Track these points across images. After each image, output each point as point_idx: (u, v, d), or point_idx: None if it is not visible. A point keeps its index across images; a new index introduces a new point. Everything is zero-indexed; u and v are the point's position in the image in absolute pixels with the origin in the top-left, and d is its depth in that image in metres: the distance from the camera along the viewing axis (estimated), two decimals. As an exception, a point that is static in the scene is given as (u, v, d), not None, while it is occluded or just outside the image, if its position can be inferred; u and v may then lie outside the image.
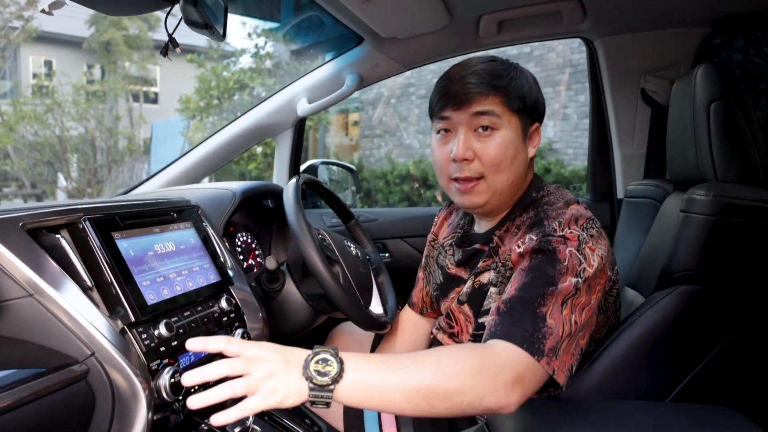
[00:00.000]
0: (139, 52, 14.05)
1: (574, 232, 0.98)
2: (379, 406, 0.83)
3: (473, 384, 0.82)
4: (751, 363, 1.11)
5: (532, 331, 0.89)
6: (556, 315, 0.91)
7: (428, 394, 0.81)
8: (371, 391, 0.80)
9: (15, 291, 0.79)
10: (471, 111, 1.04)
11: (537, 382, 0.88)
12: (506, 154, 1.05)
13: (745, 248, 1.05)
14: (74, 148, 9.67)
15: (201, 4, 0.92)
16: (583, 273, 0.94)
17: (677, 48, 1.69)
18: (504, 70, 1.06)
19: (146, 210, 1.06)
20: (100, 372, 0.82)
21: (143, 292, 0.93)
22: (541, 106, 1.12)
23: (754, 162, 1.12)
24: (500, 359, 0.86)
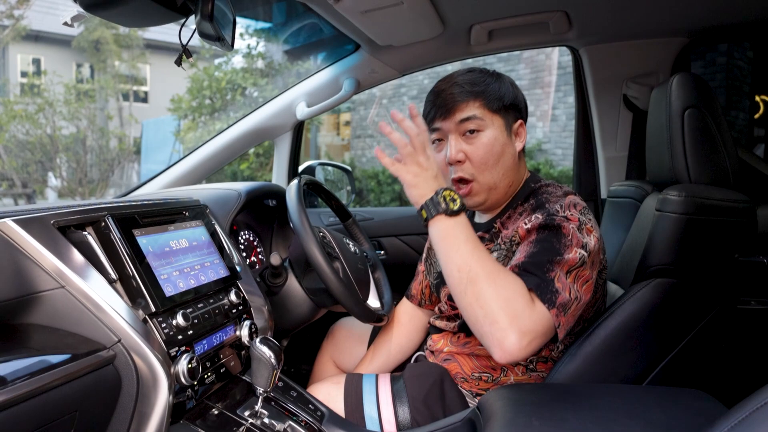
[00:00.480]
0: (129, 51, 14.01)
1: (574, 214, 1.09)
2: (445, 251, 1.02)
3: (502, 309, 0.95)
4: (720, 348, 1.20)
5: (546, 285, 1.00)
6: (563, 280, 1.01)
7: (473, 278, 0.97)
8: (450, 240, 1.01)
9: (48, 283, 0.86)
10: (456, 119, 1.18)
11: (539, 336, 0.97)
12: (493, 151, 1.18)
13: (714, 244, 1.14)
14: (65, 147, 9.64)
15: (216, 19, 0.99)
16: (587, 246, 1.05)
17: (657, 57, 1.78)
18: (481, 77, 1.20)
19: (162, 209, 1.13)
20: (126, 357, 0.89)
21: (162, 284, 1.00)
22: (521, 103, 1.25)
23: (724, 165, 1.21)
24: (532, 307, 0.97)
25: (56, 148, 9.44)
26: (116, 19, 1.09)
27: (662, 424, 0.91)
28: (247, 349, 1.18)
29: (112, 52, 13.64)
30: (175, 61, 1.11)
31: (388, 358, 1.50)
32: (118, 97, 13.31)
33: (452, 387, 1.26)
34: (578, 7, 1.56)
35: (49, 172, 9.91)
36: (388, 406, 1.26)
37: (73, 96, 10.17)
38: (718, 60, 5.58)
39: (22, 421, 0.73)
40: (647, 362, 1.15)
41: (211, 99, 9.27)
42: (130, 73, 14.36)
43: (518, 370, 1.22)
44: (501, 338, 0.94)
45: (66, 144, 9.66)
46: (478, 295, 0.96)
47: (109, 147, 10.31)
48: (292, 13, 8.74)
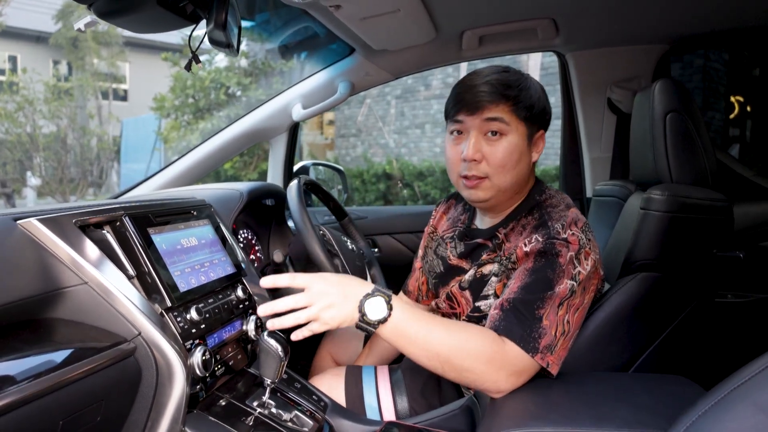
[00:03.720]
0: (108, 49, 13.83)
1: (575, 234, 1.09)
2: (406, 350, 1.03)
3: (483, 369, 1.01)
4: (701, 337, 1.28)
5: (529, 332, 1.03)
6: (551, 317, 1.05)
7: (445, 362, 1.01)
8: (404, 339, 1.02)
9: (72, 279, 0.90)
10: (482, 117, 1.16)
11: (530, 374, 1.05)
12: (511, 158, 1.16)
13: (695, 240, 1.22)
14: (45, 146, 9.51)
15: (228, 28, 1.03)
16: (578, 276, 1.07)
17: (639, 62, 1.86)
18: (515, 80, 1.17)
19: (173, 208, 1.18)
20: (146, 349, 0.93)
21: (176, 280, 1.05)
22: (548, 114, 1.23)
23: (704, 166, 1.29)
24: (508, 356, 1.03)
25: (36, 147, 9.30)
26: (128, 25, 1.13)
27: (648, 407, 0.97)
28: (252, 342, 1.22)
29: (91, 50, 13.45)
30: (185, 67, 1.16)
31: (385, 353, 1.55)
32: (97, 96, 13.14)
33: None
34: (565, 15, 1.63)
35: (28, 171, 9.76)
36: (387, 396, 1.31)
37: (53, 94, 10.02)
38: (695, 62, 5.73)
39: (55, 409, 0.77)
40: (633, 351, 1.22)
41: (194, 98, 9.22)
42: (109, 71, 14.18)
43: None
44: (492, 386, 1.03)
45: (46, 143, 9.53)
46: (460, 369, 1.02)
47: (89, 146, 10.19)
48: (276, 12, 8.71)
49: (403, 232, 2.09)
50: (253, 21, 2.17)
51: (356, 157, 10.03)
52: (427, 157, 9.04)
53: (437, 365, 1.02)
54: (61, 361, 0.81)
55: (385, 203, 8.37)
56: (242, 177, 8.76)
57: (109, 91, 14.26)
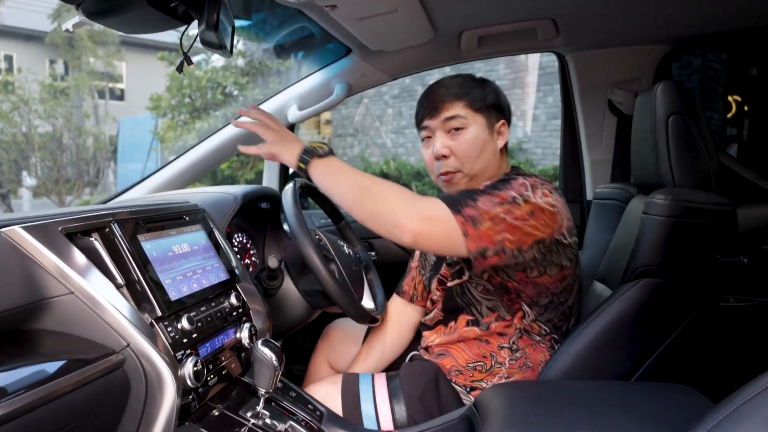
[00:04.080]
0: (104, 48, 13.78)
1: (537, 180, 1.20)
2: (333, 182, 1.18)
3: (396, 202, 1.11)
4: (704, 345, 1.26)
5: (459, 199, 1.13)
6: (487, 204, 1.12)
7: (365, 190, 1.13)
8: (334, 172, 1.18)
9: (58, 289, 0.87)
10: (442, 117, 1.30)
11: (445, 231, 1.10)
12: (476, 147, 1.28)
13: (698, 245, 1.19)
14: (41, 146, 9.46)
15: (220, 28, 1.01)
16: (525, 197, 1.14)
17: (640, 63, 1.84)
18: (466, 81, 1.33)
19: (164, 214, 1.15)
20: (135, 361, 0.90)
21: (166, 289, 1.02)
22: (504, 106, 1.36)
23: (707, 169, 1.26)
24: (425, 201, 1.14)
25: (32, 147, 9.25)
26: (117, 26, 1.10)
27: (652, 417, 0.95)
28: (246, 351, 1.20)
29: (87, 49, 13.40)
30: (176, 68, 1.13)
31: (383, 356, 1.52)
32: (94, 95, 13.09)
33: (447, 385, 1.30)
34: (565, 16, 1.60)
35: (24, 171, 9.71)
36: (385, 404, 1.29)
37: (48, 94, 9.97)
38: (694, 62, 5.72)
39: (40, 425, 0.74)
40: (635, 359, 1.20)
41: (191, 97, 9.18)
42: (105, 70, 14.13)
43: (505, 354, 1.28)
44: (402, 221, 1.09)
45: (41, 143, 9.48)
46: (376, 198, 1.12)
47: (85, 146, 10.14)
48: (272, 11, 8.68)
49: (401, 235, 2.06)
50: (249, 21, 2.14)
51: (353, 157, 10.00)
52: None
53: (358, 197, 1.13)
54: (47, 374, 0.78)
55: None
56: (239, 177, 8.73)
57: (105, 91, 14.22)
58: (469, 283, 1.29)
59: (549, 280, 1.24)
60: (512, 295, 1.25)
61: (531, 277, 1.23)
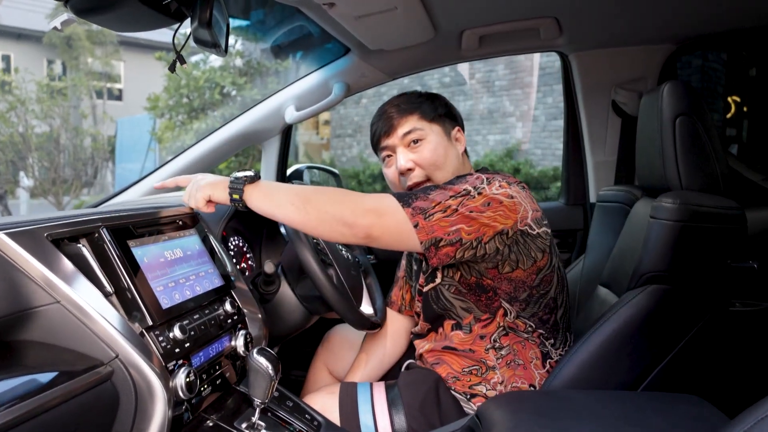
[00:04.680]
0: (102, 48, 13.73)
1: (493, 174, 1.19)
2: (272, 201, 1.12)
3: (341, 203, 1.09)
4: (713, 354, 1.22)
5: (410, 194, 1.13)
6: (438, 197, 1.11)
7: (306, 200, 1.09)
8: (270, 193, 1.13)
9: (43, 298, 0.84)
10: (399, 134, 1.32)
11: (395, 224, 1.09)
12: (438, 153, 1.30)
13: (707, 250, 1.16)
14: (38, 146, 9.41)
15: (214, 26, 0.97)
16: (479, 189, 1.13)
17: (645, 63, 1.80)
18: (414, 97, 1.36)
19: (156, 218, 1.11)
20: (124, 373, 0.87)
21: (158, 297, 0.98)
22: (456, 113, 1.40)
23: (715, 172, 1.23)
24: (371, 196, 1.12)
25: (29, 148, 9.21)
26: (107, 24, 1.07)
27: (662, 430, 0.92)
28: (242, 359, 1.16)
29: (85, 49, 13.35)
30: (168, 68, 1.09)
31: (380, 364, 1.50)
32: (92, 95, 13.04)
33: (447, 393, 1.27)
34: (569, 14, 1.57)
35: (21, 171, 9.67)
36: (384, 414, 1.26)
37: (46, 94, 9.93)
38: (694, 62, 5.69)
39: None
40: (642, 368, 1.17)
41: (188, 97, 9.14)
42: (103, 70, 14.08)
43: (492, 355, 1.25)
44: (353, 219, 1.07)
45: (39, 143, 9.43)
46: (319, 206, 1.09)
47: (83, 146, 10.09)
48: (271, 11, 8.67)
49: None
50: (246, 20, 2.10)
51: (352, 158, 9.97)
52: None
53: (300, 206, 1.09)
54: (32, 388, 0.75)
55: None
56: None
57: (103, 91, 14.17)
58: (442, 286, 1.27)
59: (523, 274, 1.21)
60: (489, 293, 1.23)
61: (504, 273, 1.20)
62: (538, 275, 1.22)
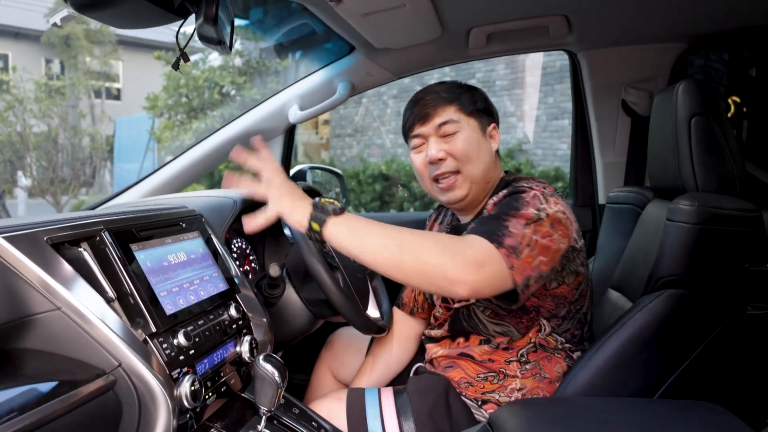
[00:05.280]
0: (101, 47, 13.70)
1: (539, 185, 1.16)
2: (359, 241, 1.01)
3: (442, 254, 0.98)
4: (731, 360, 1.19)
5: (494, 230, 1.05)
6: (518, 228, 1.05)
7: (402, 247, 0.99)
8: (357, 230, 1.02)
9: (43, 305, 0.80)
10: (435, 123, 1.26)
11: (496, 272, 1.00)
12: (471, 146, 1.25)
13: (725, 254, 1.13)
14: (36, 146, 9.37)
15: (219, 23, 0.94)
16: (543, 210, 1.09)
17: (656, 62, 1.77)
18: (455, 86, 1.30)
19: (159, 221, 1.08)
20: (127, 382, 0.84)
21: (162, 302, 0.95)
22: (493, 109, 1.34)
23: (731, 173, 1.20)
24: (467, 243, 1.02)
25: (27, 147, 9.16)
26: (109, 20, 1.04)
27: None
28: (247, 365, 1.13)
29: (83, 48, 13.32)
30: (172, 65, 1.06)
31: (388, 368, 1.47)
32: (90, 94, 13.00)
33: (457, 399, 1.24)
34: (579, 12, 1.54)
35: (19, 171, 9.63)
36: (393, 420, 1.23)
37: (44, 93, 9.89)
38: (696, 62, 5.66)
39: (21, 458, 0.67)
40: (658, 374, 1.14)
41: (188, 97, 9.10)
42: (101, 69, 14.05)
43: (514, 367, 1.21)
44: (454, 274, 0.97)
45: (37, 142, 9.39)
46: (414, 255, 0.98)
47: (81, 145, 10.05)
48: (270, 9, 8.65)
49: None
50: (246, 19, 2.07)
51: (352, 158, 9.94)
52: (423, 157, 8.93)
53: (395, 253, 0.99)
54: (31, 399, 0.72)
55: (381, 204, 8.28)
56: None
57: (102, 90, 14.14)
58: (476, 306, 1.23)
59: (566, 290, 1.19)
60: (532, 314, 1.19)
61: (550, 290, 1.17)
62: (577, 290, 1.20)
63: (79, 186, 9.98)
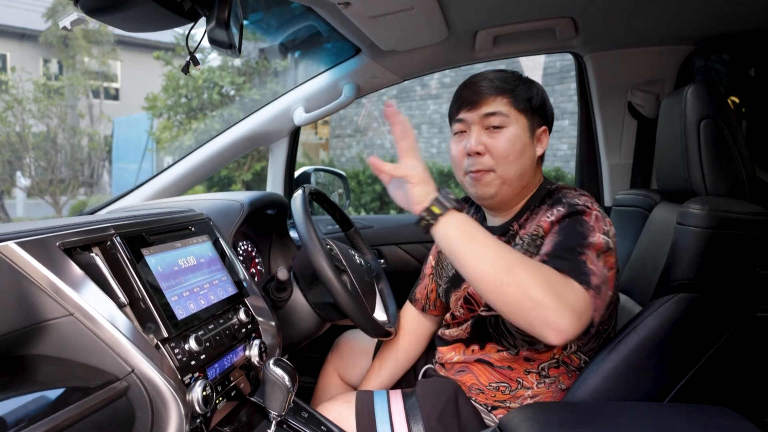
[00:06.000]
0: (99, 47, 13.66)
1: (594, 205, 1.11)
2: (471, 247, 0.94)
3: (546, 292, 0.91)
4: (742, 363, 1.19)
5: (579, 267, 0.97)
6: (594, 262, 1.00)
7: (509, 270, 0.91)
8: (473, 235, 0.96)
9: (56, 311, 0.80)
10: (482, 112, 1.18)
11: (588, 319, 0.95)
12: (514, 147, 1.17)
13: (736, 257, 1.13)
14: (35, 146, 9.35)
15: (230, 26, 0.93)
16: (610, 237, 1.06)
17: (662, 65, 1.77)
18: (512, 77, 1.21)
19: (169, 225, 1.07)
20: (140, 388, 0.83)
21: (173, 307, 0.94)
22: (549, 110, 1.25)
23: (741, 176, 1.20)
24: (569, 286, 0.94)
25: (26, 147, 9.14)
26: (119, 24, 1.03)
27: (695, 445, 0.89)
28: (256, 369, 1.13)
29: (82, 48, 13.29)
30: (182, 69, 1.05)
31: (396, 368, 1.46)
32: (88, 95, 12.97)
33: (467, 403, 1.23)
34: (585, 14, 1.54)
35: (18, 171, 9.60)
36: (402, 425, 1.22)
37: (42, 93, 9.86)
38: (696, 63, 5.67)
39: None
40: (669, 378, 1.14)
41: (187, 97, 9.08)
42: (100, 69, 14.01)
43: (532, 378, 1.20)
44: (554, 320, 0.90)
45: (36, 143, 9.36)
46: (520, 283, 0.91)
47: (80, 145, 10.03)
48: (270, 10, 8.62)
49: (410, 242, 1.99)
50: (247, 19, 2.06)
51: (351, 158, 9.92)
52: (424, 158, 8.93)
53: (500, 272, 0.91)
54: (44, 406, 0.71)
55: (381, 204, 8.27)
56: (236, 178, 8.64)
57: (100, 90, 14.10)
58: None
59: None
60: None
61: None
62: (609, 308, 1.18)
63: (77, 186, 9.95)
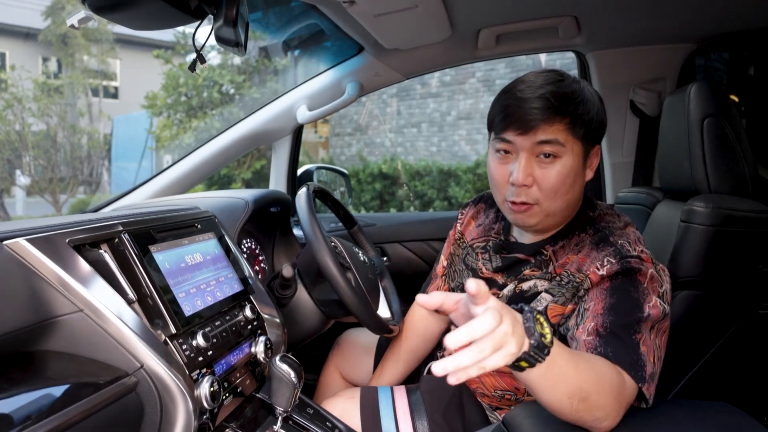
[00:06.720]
0: (98, 45, 13.65)
1: (645, 252, 1.00)
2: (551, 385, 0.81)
3: (612, 405, 0.86)
4: (744, 360, 1.20)
5: (636, 360, 0.91)
6: (648, 342, 0.94)
7: (583, 397, 0.82)
8: (557, 373, 0.79)
9: (66, 307, 0.80)
10: (535, 139, 1.01)
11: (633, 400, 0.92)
12: (565, 182, 1.03)
13: (740, 255, 1.14)
14: (34, 144, 9.35)
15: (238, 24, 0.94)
16: (664, 295, 0.97)
17: (664, 63, 1.78)
18: (571, 92, 1.02)
19: (176, 222, 1.08)
20: (149, 383, 0.84)
21: (180, 303, 0.95)
22: (604, 127, 1.09)
23: (744, 174, 1.21)
24: (626, 387, 0.89)
25: (25, 146, 9.14)
26: (126, 22, 1.03)
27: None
28: (261, 366, 1.13)
29: (81, 47, 13.28)
30: (189, 67, 1.06)
31: (404, 366, 1.45)
32: (88, 93, 12.96)
33: (471, 399, 1.24)
34: (588, 13, 1.54)
35: (18, 170, 9.60)
36: (407, 420, 1.23)
37: (42, 92, 9.86)
38: (697, 61, 5.68)
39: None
40: (672, 375, 1.15)
41: (187, 96, 9.07)
42: (99, 68, 14.00)
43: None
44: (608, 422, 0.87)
45: (35, 141, 9.36)
46: (591, 406, 0.84)
47: (80, 144, 10.03)
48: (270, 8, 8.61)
49: (414, 240, 2.00)
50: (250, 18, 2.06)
51: (351, 156, 9.93)
52: (424, 156, 8.95)
53: (575, 403, 0.82)
54: (55, 402, 0.72)
55: (381, 203, 8.28)
56: (236, 176, 8.64)
57: (99, 89, 14.10)
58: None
59: None
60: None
61: None
62: None
63: (77, 184, 9.95)
